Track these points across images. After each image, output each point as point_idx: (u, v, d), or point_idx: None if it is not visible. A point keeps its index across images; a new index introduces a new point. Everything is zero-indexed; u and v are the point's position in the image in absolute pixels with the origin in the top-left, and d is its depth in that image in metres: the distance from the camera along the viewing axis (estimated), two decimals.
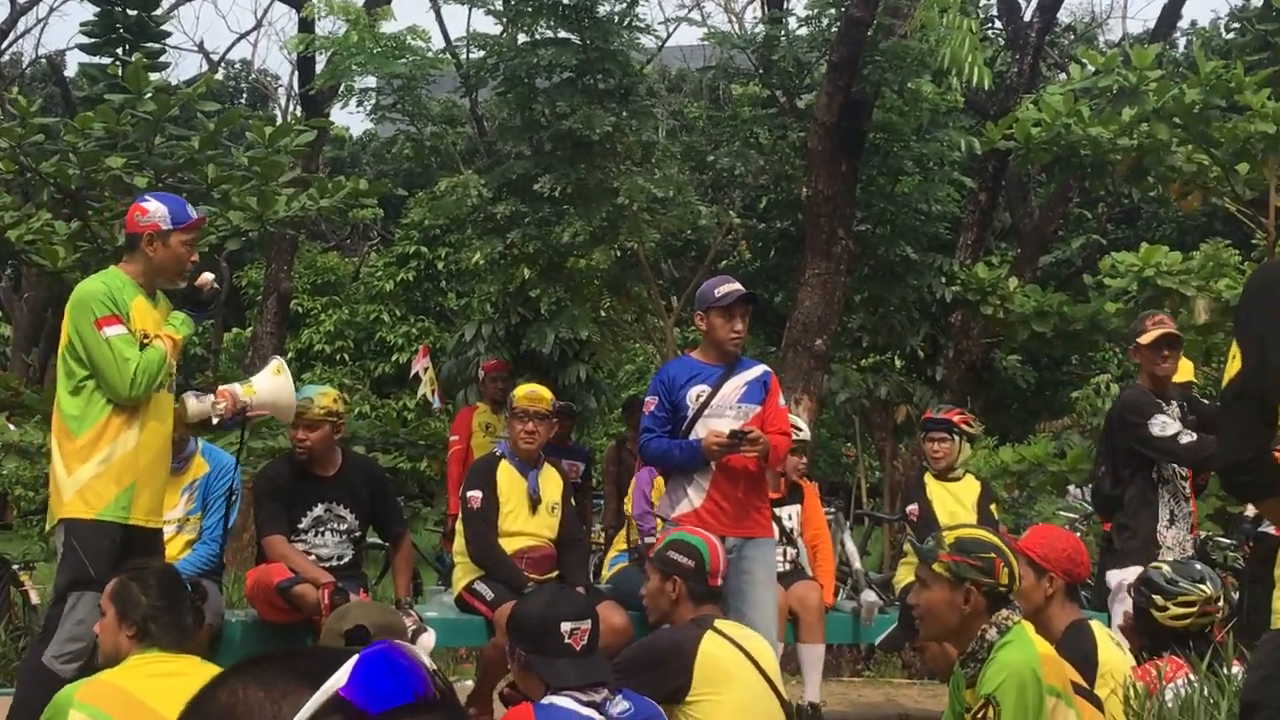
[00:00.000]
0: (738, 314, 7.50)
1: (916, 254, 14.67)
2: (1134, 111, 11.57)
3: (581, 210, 13.17)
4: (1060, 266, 20.14)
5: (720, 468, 7.34)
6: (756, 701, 5.53)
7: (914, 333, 15.20)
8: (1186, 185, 12.61)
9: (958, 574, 4.92)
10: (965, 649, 4.97)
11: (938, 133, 14.63)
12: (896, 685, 11.24)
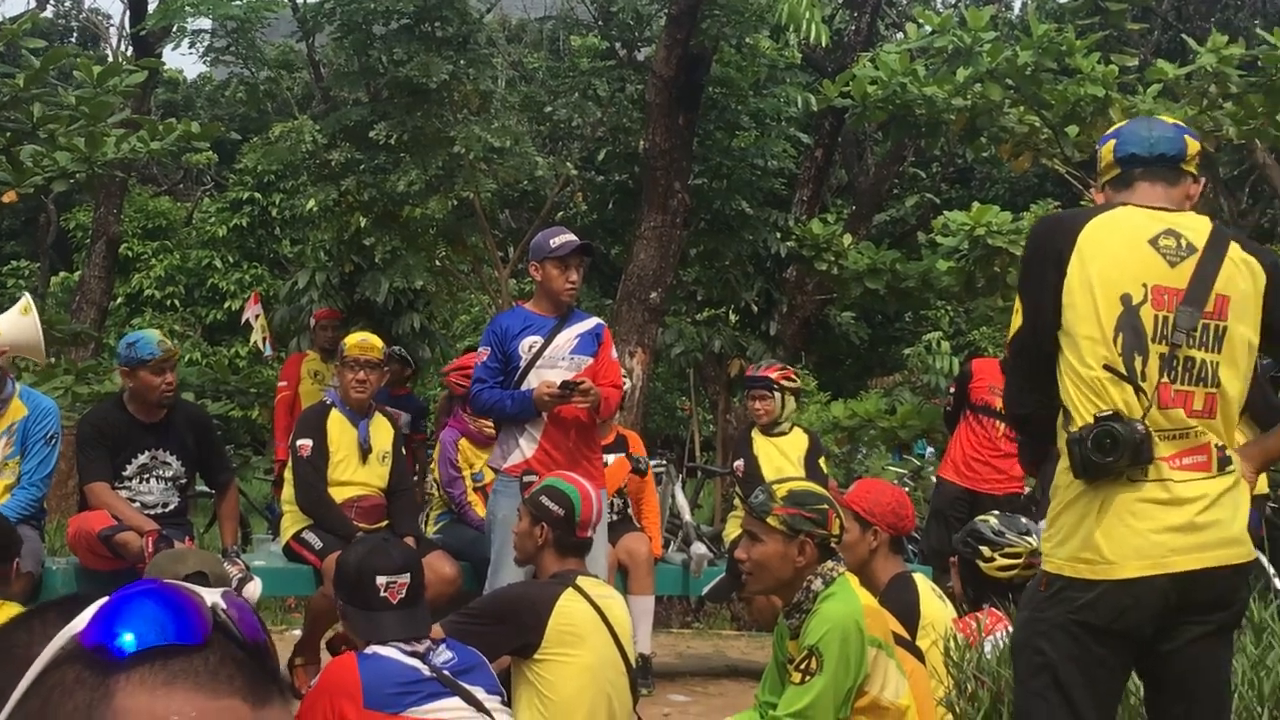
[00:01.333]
0: (573, 265, 7.48)
1: (752, 209, 14.74)
2: (968, 72, 11.67)
3: (417, 159, 13.06)
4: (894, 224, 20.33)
5: (552, 418, 7.33)
6: (605, 665, 5.51)
7: (748, 287, 15.28)
8: (1018, 146, 12.76)
9: (793, 527, 4.94)
10: (791, 600, 5.00)
11: (775, 89, 14.71)
12: (725, 637, 11.32)
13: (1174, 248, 4.02)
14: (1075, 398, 4.01)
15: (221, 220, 26.38)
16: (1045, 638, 3.97)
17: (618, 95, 15.01)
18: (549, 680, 5.36)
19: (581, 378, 7.30)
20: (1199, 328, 4.00)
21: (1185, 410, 3.98)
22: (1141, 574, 3.89)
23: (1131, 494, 3.92)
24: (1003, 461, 10.51)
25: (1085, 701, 3.93)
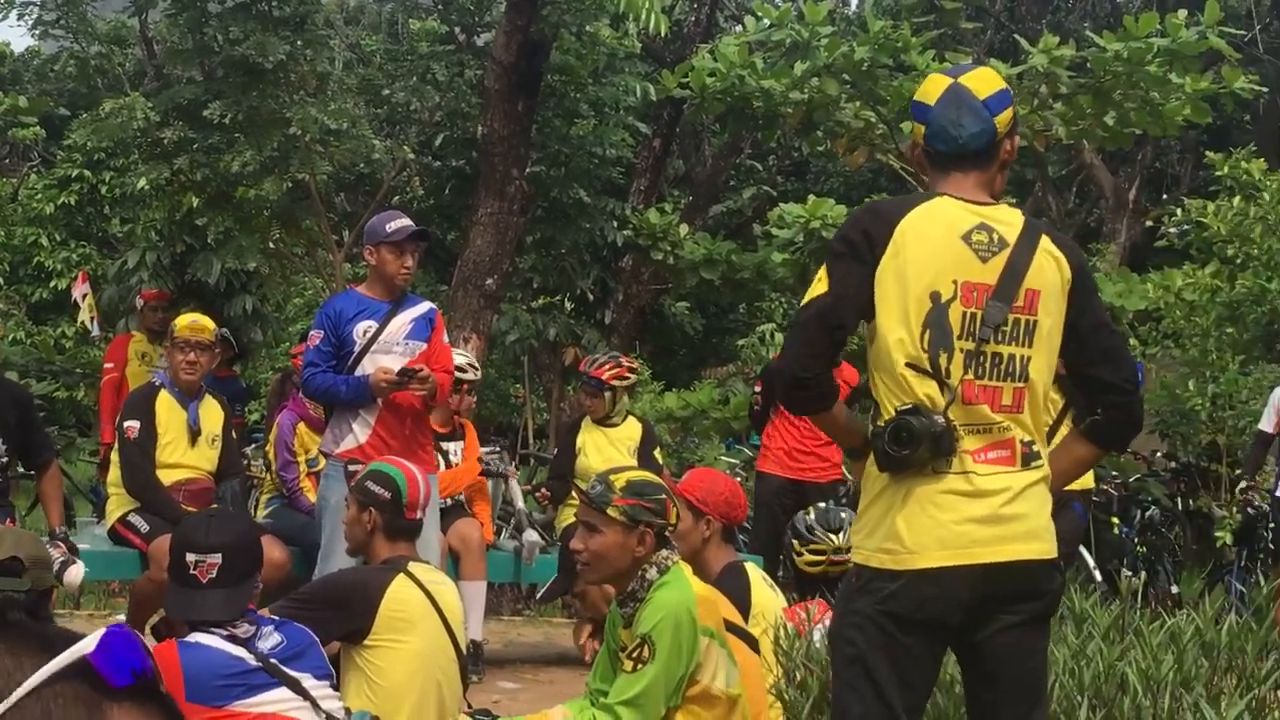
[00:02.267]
0: (408, 251, 7.44)
1: (590, 197, 14.75)
2: (805, 66, 11.78)
3: (252, 139, 12.89)
4: (731, 216, 20.43)
5: (387, 404, 7.29)
6: (435, 651, 5.48)
7: (585, 276, 15.29)
8: (853, 141, 12.90)
9: (633, 517, 4.94)
10: (626, 589, 5.01)
11: (614, 78, 14.73)
12: (556, 625, 11.32)
13: (986, 243, 4.04)
14: (882, 392, 4.04)
15: (49, 198, 25.77)
16: (856, 629, 4.00)
17: (456, 80, 14.93)
18: (379, 666, 5.32)
19: (418, 364, 7.27)
20: (1009, 323, 4.03)
21: (991, 406, 4.01)
22: (943, 564, 3.93)
23: (934, 486, 3.95)
24: (825, 450, 10.65)
25: (894, 691, 3.96)
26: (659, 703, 4.83)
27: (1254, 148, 14.47)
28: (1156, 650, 5.01)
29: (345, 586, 5.68)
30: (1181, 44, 11.28)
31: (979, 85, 4.17)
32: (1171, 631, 5.27)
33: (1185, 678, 5.15)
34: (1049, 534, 4.09)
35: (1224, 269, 13.91)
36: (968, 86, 4.16)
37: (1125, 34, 11.39)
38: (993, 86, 4.18)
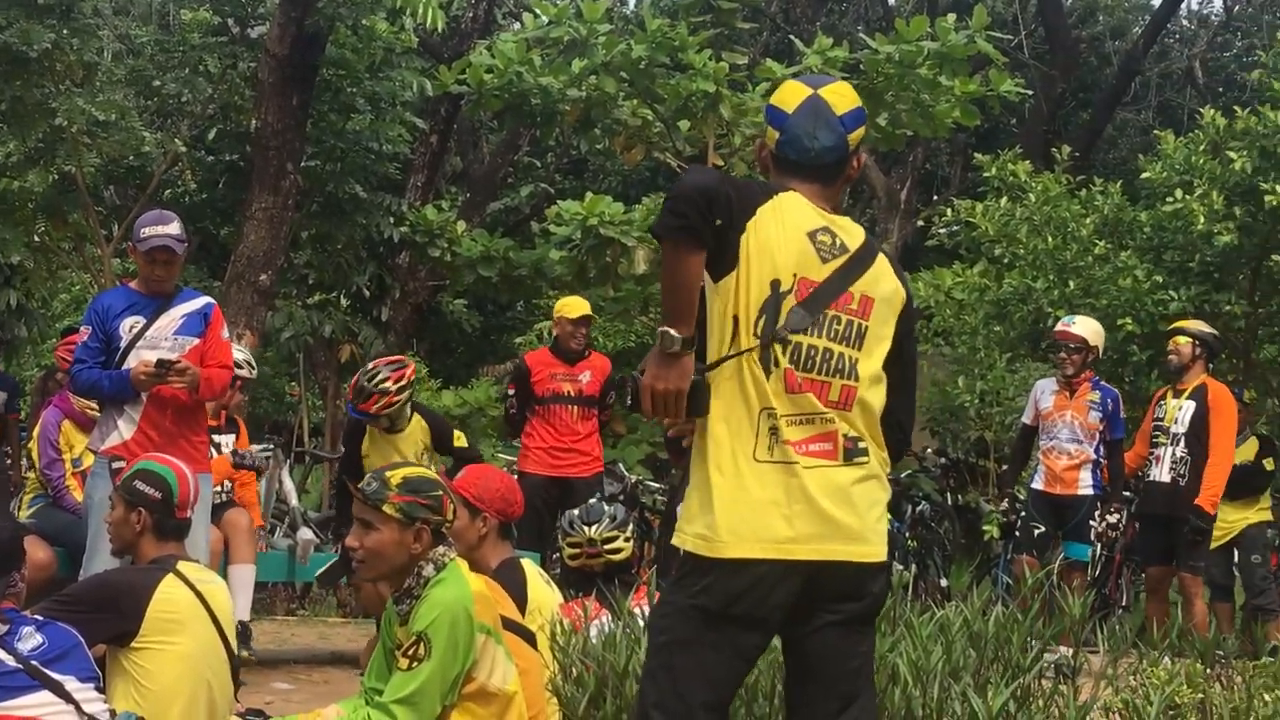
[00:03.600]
0: (159, 260, 7.32)
1: (366, 193, 14.62)
2: (583, 64, 11.79)
3: (16, 129, 12.57)
4: (508, 213, 20.39)
5: (151, 399, 7.14)
6: (205, 652, 5.36)
7: (361, 272, 15.15)
8: (631, 139, 12.94)
9: (409, 515, 4.91)
10: (402, 586, 4.97)
11: (391, 72, 14.60)
12: (330, 624, 11.19)
13: (829, 245, 4.07)
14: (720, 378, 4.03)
15: None
16: (667, 619, 4.00)
17: (229, 72, 14.69)
18: (147, 669, 5.19)
19: (180, 357, 7.15)
20: (843, 322, 4.07)
21: (820, 398, 4.02)
22: (756, 556, 3.92)
23: (756, 475, 3.95)
24: (584, 444, 10.71)
25: (693, 684, 3.93)
26: (435, 701, 4.79)
27: (1020, 150, 14.80)
28: (926, 641, 5.09)
29: (113, 587, 5.53)
30: (951, 47, 11.51)
31: (837, 100, 4.19)
32: (940, 623, 5.36)
33: (954, 668, 5.24)
34: (877, 536, 4.09)
35: (991, 268, 14.22)
36: (827, 100, 4.18)
37: (897, 37, 11.59)
38: (850, 103, 4.22)
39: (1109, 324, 11.95)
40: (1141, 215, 12.27)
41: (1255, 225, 11.55)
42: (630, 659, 5.13)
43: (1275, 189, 10.99)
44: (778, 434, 3.97)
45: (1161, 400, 10.49)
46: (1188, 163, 11.82)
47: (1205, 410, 10.16)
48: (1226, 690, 5.74)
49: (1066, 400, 10.43)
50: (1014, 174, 13.22)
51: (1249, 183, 11.37)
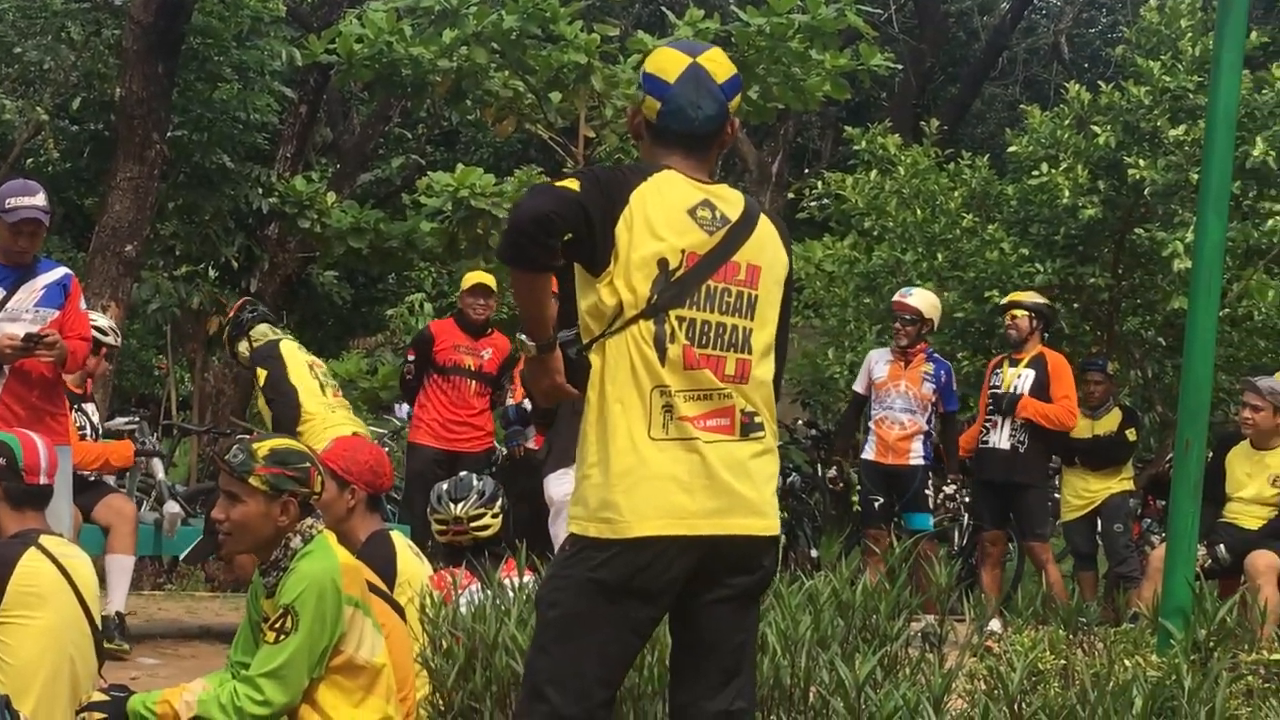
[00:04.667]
0: (24, 232, 7.21)
1: (234, 163, 14.44)
2: (454, 34, 11.72)
3: None
4: (379, 184, 20.22)
5: (14, 372, 7.04)
6: (68, 627, 5.27)
7: (229, 243, 14.96)
8: (502, 110, 12.90)
9: (276, 486, 4.87)
10: (269, 558, 4.93)
11: (259, 41, 14.42)
12: (198, 598, 11.09)
13: (710, 219, 4.06)
14: (609, 356, 4.01)
15: None
16: (560, 593, 3.96)
17: (93, 40, 14.44)
18: (8, 644, 5.10)
19: (48, 330, 7.04)
20: (733, 294, 4.07)
21: (716, 373, 4.02)
22: (660, 533, 3.91)
23: (653, 452, 3.93)
24: (478, 419, 10.71)
25: (589, 659, 3.92)
26: (302, 674, 4.76)
27: (889, 123, 14.92)
28: (795, 611, 5.12)
29: None
30: (821, 21, 11.57)
31: (716, 69, 4.16)
32: (810, 593, 5.40)
33: (822, 637, 5.29)
34: (772, 509, 4.11)
35: (861, 241, 14.33)
36: (706, 68, 4.14)
37: (768, 9, 11.63)
38: (728, 71, 4.19)
39: (976, 296, 12.11)
40: (1008, 189, 12.40)
41: (1119, 199, 11.71)
42: (499, 630, 5.12)
43: (1139, 163, 11.15)
44: (673, 411, 3.96)
45: (997, 369, 10.69)
46: (1053, 137, 11.96)
47: (1046, 378, 10.40)
48: (1088, 656, 5.84)
49: (901, 370, 10.60)
50: (883, 147, 13.31)
51: (1113, 157, 11.52)
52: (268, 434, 5.91)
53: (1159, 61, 11.49)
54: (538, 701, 3.95)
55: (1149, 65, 11.47)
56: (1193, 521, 6.23)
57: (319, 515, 5.08)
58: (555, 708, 3.92)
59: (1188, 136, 11.03)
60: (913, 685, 4.82)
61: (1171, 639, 5.83)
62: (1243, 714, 4.94)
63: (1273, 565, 9.15)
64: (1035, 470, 10.60)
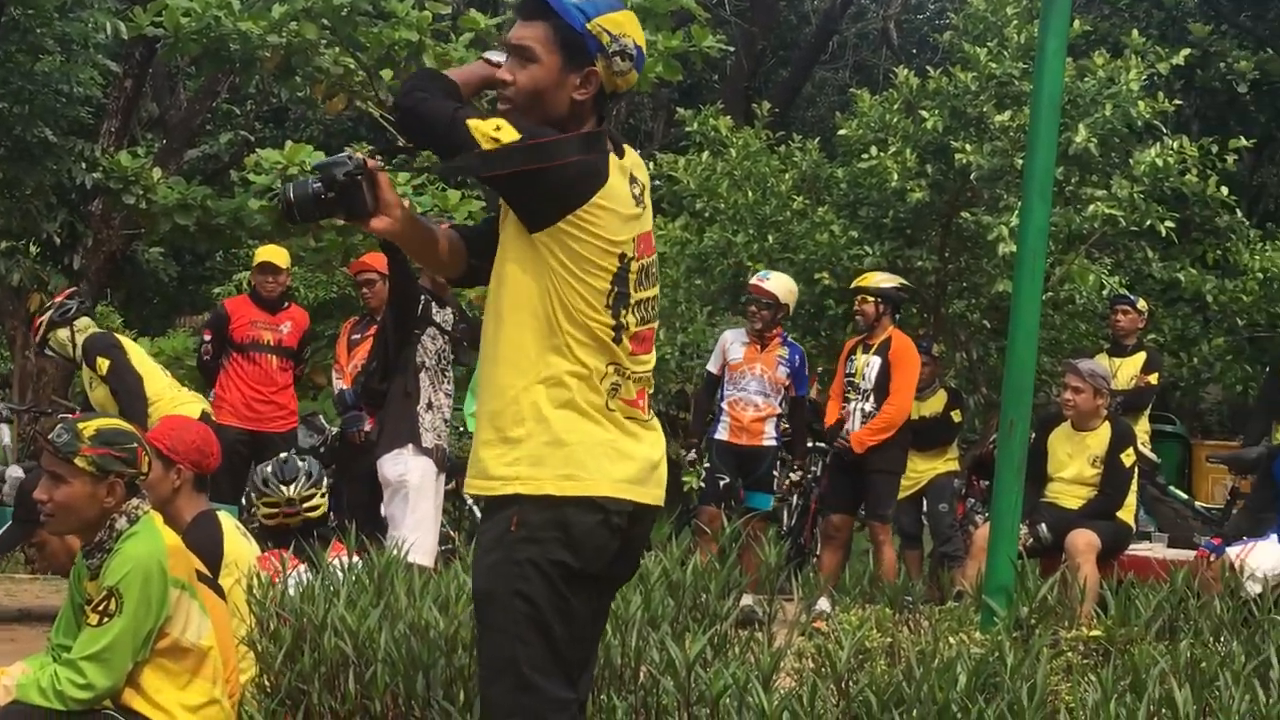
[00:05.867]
0: None
1: (56, 137, 14.12)
2: (284, 9, 11.56)
3: None
4: (207, 161, 19.92)
5: None
6: None
7: (51, 219, 14.64)
8: (332, 87, 12.75)
9: (102, 467, 4.79)
10: (93, 540, 4.84)
11: (82, 13, 14.12)
12: (18, 581, 10.88)
13: (639, 194, 4.01)
14: (566, 339, 3.89)
15: None
16: (525, 582, 3.80)
17: None
18: None
19: None
20: (652, 265, 4.06)
21: (646, 350, 4.01)
22: (614, 495, 3.86)
23: (604, 435, 3.89)
24: (281, 396, 10.64)
25: (566, 641, 3.86)
26: (126, 657, 4.69)
27: (721, 105, 14.99)
28: (625, 591, 5.14)
29: None
30: (653, 2, 11.57)
31: (638, 31, 4.08)
32: (640, 573, 5.42)
33: (652, 616, 5.32)
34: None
35: (693, 222, 14.38)
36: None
37: None
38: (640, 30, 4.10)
39: (806, 278, 12.21)
40: (838, 172, 12.53)
41: (946, 183, 11.88)
42: (328, 612, 5.09)
43: (965, 148, 11.31)
44: (619, 390, 3.92)
45: (852, 355, 10.77)
46: (882, 121, 12.10)
47: (889, 364, 10.48)
48: (914, 634, 5.93)
49: (757, 353, 10.65)
50: (715, 129, 13.38)
51: (940, 142, 11.68)
52: (93, 414, 5.79)
53: (985, 48, 11.66)
54: (527, 693, 3.83)
55: (976, 52, 11.64)
56: (1016, 501, 6.35)
57: (145, 495, 5.00)
58: (548, 695, 3.84)
59: (1013, 122, 11.21)
60: (742, 664, 4.86)
61: (995, 616, 5.95)
62: (1063, 689, 5.04)
63: (1092, 544, 9.35)
64: (891, 457, 10.66)
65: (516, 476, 3.84)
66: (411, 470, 8.14)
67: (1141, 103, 11.48)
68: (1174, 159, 11.67)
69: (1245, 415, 16.14)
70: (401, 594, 5.40)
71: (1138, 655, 4.95)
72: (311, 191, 3.96)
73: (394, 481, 8.20)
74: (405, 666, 5.00)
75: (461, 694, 4.90)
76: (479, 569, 3.92)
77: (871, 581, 6.54)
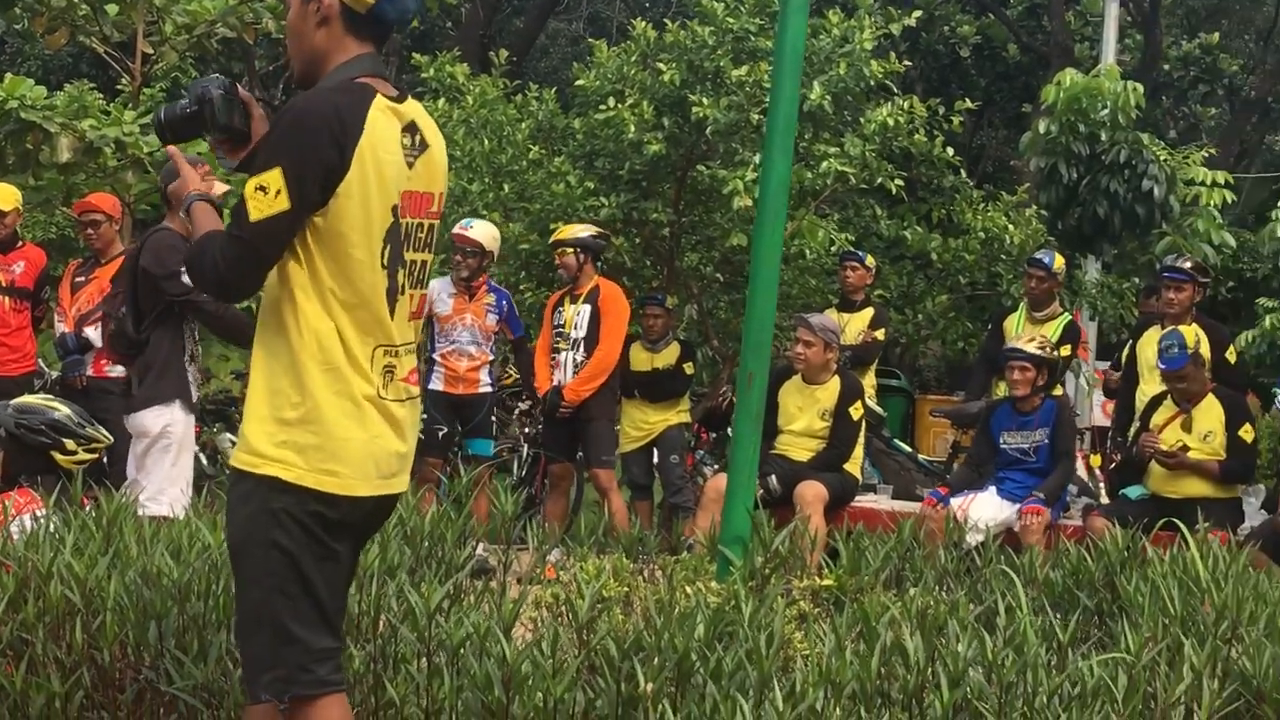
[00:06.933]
0: None
1: None
2: None
3: None
4: None
5: None
6: None
7: None
8: (54, 21, 12.34)
9: None
10: None
11: None
12: None
13: (411, 146, 3.84)
14: (336, 315, 3.75)
15: None
16: (280, 530, 3.70)
17: None
18: None
19: None
20: (425, 228, 3.92)
21: (413, 318, 3.90)
22: (373, 493, 3.81)
23: (373, 414, 3.79)
24: (15, 338, 10.30)
25: (325, 591, 3.77)
26: None
27: (458, 52, 14.84)
28: None
29: None
30: None
31: None
32: None
33: (390, 566, 5.26)
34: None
35: None
36: None
37: None
38: None
39: (542, 228, 12.17)
40: (575, 123, 12.49)
41: (682, 136, 11.93)
42: (55, 559, 4.92)
43: (702, 102, 11.36)
44: (394, 373, 3.82)
45: (559, 307, 10.79)
46: (620, 73, 12.09)
47: (598, 311, 10.53)
48: (651, 584, 5.97)
49: (465, 304, 10.61)
50: (452, 76, 13.24)
51: (677, 95, 11.72)
52: None
53: (722, 3, 11.73)
54: (287, 645, 3.73)
55: (713, 6, 11.69)
56: (754, 452, 6.42)
57: None
58: (310, 646, 3.75)
59: (749, 77, 11.30)
60: (479, 614, 4.83)
61: (731, 566, 6.01)
62: (796, 637, 5.12)
63: (820, 495, 9.53)
64: (603, 404, 10.70)
65: (280, 460, 3.73)
66: (176, 423, 7.91)
67: (874, 62, 11.68)
68: (904, 119, 11.90)
69: (962, 371, 16.67)
70: (132, 542, 5.25)
71: (868, 604, 5.04)
72: (179, 110, 3.93)
73: (155, 433, 7.94)
74: (136, 615, 4.86)
75: (195, 643, 4.79)
76: (234, 521, 3.82)
77: (606, 531, 6.55)
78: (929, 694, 4.50)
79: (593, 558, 6.01)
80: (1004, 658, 4.54)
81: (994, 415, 9.98)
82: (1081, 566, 6.27)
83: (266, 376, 3.77)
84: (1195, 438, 9.31)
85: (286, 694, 3.72)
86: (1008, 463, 9.73)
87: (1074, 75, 14.29)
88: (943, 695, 4.38)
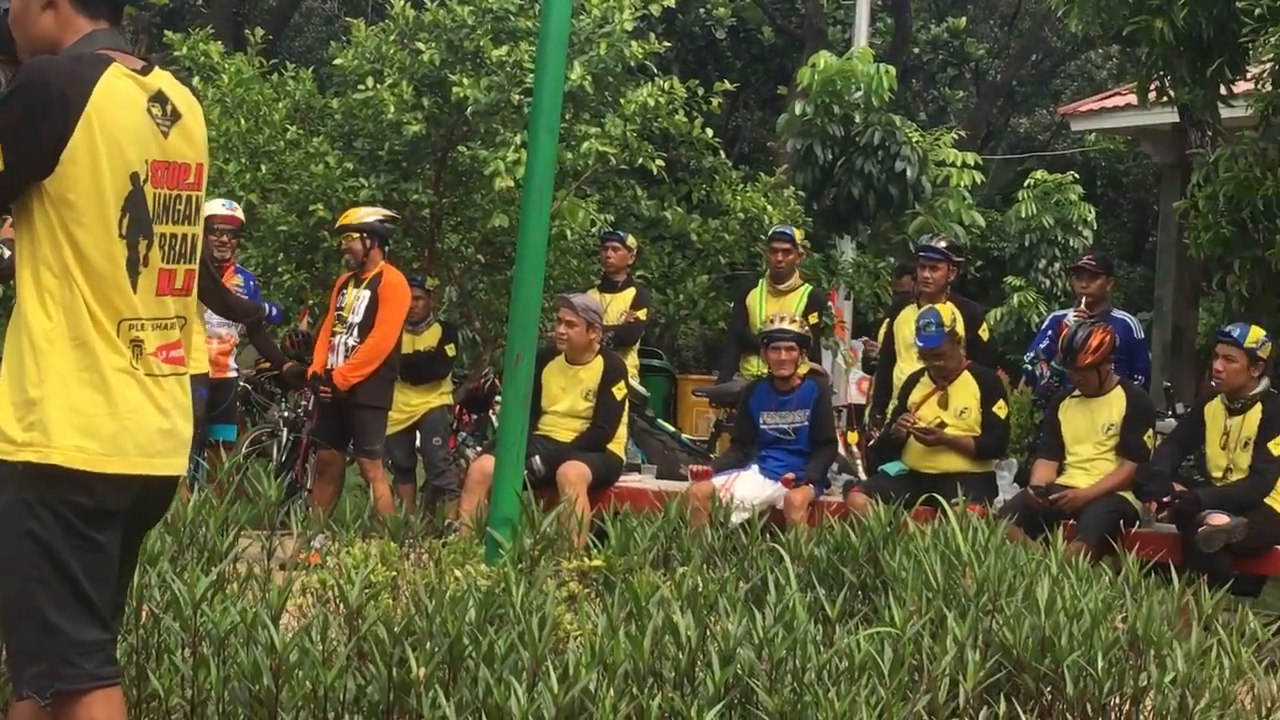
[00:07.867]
0: None
1: None
2: None
3: None
4: None
5: None
6: None
7: None
8: None
9: None
10: None
11: None
12: None
13: (162, 115, 3.72)
14: (80, 287, 3.62)
15: None
16: (34, 520, 3.57)
17: None
18: None
19: None
20: (184, 200, 3.78)
21: (170, 293, 3.75)
22: (132, 471, 3.66)
23: (125, 388, 3.65)
24: None
25: (88, 581, 3.62)
26: None
27: (211, 30, 14.51)
28: None
29: None
30: None
31: None
32: None
33: (150, 554, 5.14)
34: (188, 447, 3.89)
35: None
36: None
37: None
38: None
39: (300, 209, 11.99)
40: (333, 103, 12.31)
41: (442, 117, 11.84)
42: None
43: (463, 82, 11.29)
44: (141, 347, 3.68)
45: (344, 289, 10.64)
46: (378, 52, 11.97)
47: (377, 298, 10.39)
48: (419, 568, 5.92)
49: None
50: (206, 54, 12.96)
51: (437, 75, 11.63)
52: None
53: None
54: (49, 636, 3.60)
55: None
56: (522, 433, 6.40)
57: None
58: (73, 638, 3.61)
59: (510, 57, 11.26)
60: (245, 602, 4.75)
61: (500, 548, 5.99)
62: (567, 619, 5.12)
63: (584, 475, 9.56)
64: (377, 392, 10.51)
65: (30, 444, 3.60)
66: None
67: (634, 43, 11.71)
68: (664, 99, 11.97)
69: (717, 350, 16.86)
70: None
71: (638, 584, 5.06)
72: None
73: None
74: None
75: None
76: None
77: (371, 516, 6.50)
78: (701, 672, 4.53)
79: (359, 543, 5.95)
80: (774, 634, 4.59)
81: (753, 395, 10.10)
82: (845, 542, 6.36)
83: (14, 357, 3.67)
84: (952, 414, 9.52)
85: (49, 689, 3.61)
86: (768, 442, 9.86)
87: (828, 58, 14.53)
88: (714, 673, 4.42)
